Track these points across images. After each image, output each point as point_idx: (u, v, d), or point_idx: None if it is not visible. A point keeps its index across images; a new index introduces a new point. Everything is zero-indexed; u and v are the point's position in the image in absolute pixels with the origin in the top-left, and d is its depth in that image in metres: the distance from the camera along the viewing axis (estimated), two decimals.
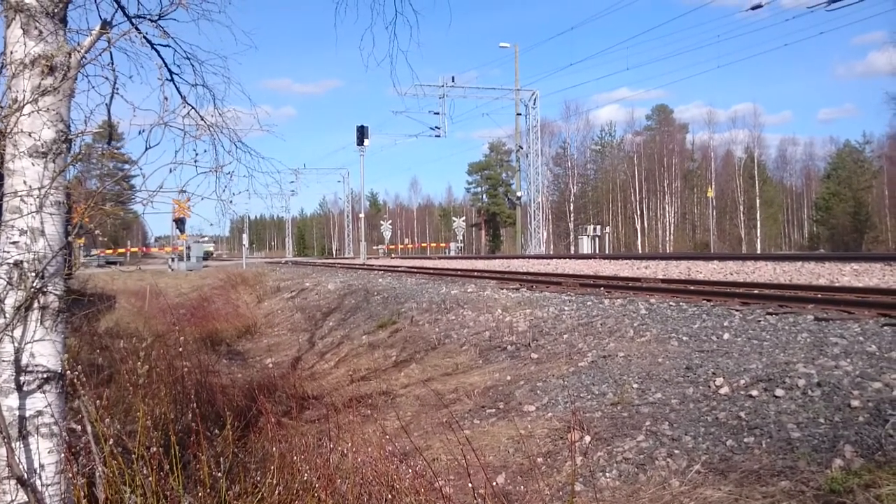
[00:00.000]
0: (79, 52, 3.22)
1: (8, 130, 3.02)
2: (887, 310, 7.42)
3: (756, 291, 10.12)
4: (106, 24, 3.47)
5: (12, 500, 2.83)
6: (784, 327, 6.99)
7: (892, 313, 7.22)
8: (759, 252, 61.56)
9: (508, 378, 7.39)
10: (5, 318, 2.92)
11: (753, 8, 26.73)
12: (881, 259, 15.17)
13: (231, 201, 4.61)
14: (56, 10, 3.15)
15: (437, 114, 44.11)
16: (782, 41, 79.28)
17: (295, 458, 4.30)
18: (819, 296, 8.94)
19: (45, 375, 2.99)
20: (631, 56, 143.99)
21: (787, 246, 78.03)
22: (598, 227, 56.76)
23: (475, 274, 18.28)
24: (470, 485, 4.07)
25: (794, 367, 5.44)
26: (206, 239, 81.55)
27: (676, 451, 4.67)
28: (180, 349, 6.60)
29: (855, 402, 4.61)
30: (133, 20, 3.89)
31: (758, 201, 71.80)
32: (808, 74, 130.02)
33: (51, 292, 3.03)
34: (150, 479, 3.23)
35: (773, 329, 6.99)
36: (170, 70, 4.31)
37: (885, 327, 6.47)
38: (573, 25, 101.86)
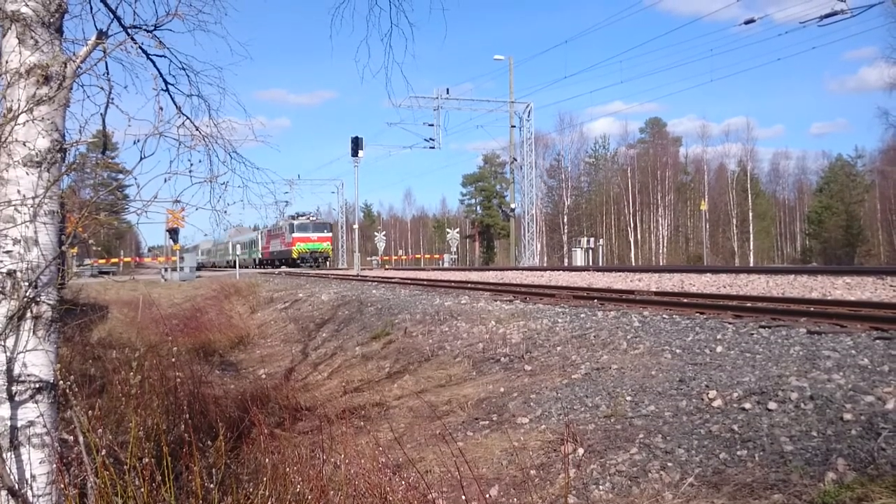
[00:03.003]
0: (74, 61, 3.23)
1: (3, 140, 3.02)
2: (879, 323, 7.44)
3: (749, 304, 10.14)
4: (102, 35, 3.48)
5: None
6: (777, 340, 7.00)
7: (884, 327, 7.23)
8: (751, 265, 61.72)
9: (502, 390, 7.38)
10: None
11: (746, 22, 26.91)
12: (873, 273, 15.22)
13: (226, 211, 4.59)
14: (52, 20, 3.16)
15: (432, 125, 44.21)
16: (775, 56, 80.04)
17: (287, 469, 4.29)
18: (811, 309, 8.97)
19: (37, 385, 2.98)
20: (625, 69, 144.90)
21: (779, 259, 78.26)
22: (592, 239, 56.77)
23: (469, 285, 18.29)
24: (463, 497, 4.07)
25: (787, 381, 5.45)
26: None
27: (670, 464, 4.67)
28: (173, 360, 6.58)
29: (847, 416, 4.62)
30: (129, 30, 3.91)
31: (750, 214, 72.07)
32: (800, 89, 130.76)
33: (44, 302, 3.02)
34: (142, 490, 3.21)
35: (765, 342, 7.00)
36: (165, 80, 4.33)
37: (878, 341, 6.49)
38: (567, 38, 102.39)
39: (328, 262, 56.44)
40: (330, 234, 57.23)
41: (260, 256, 66.32)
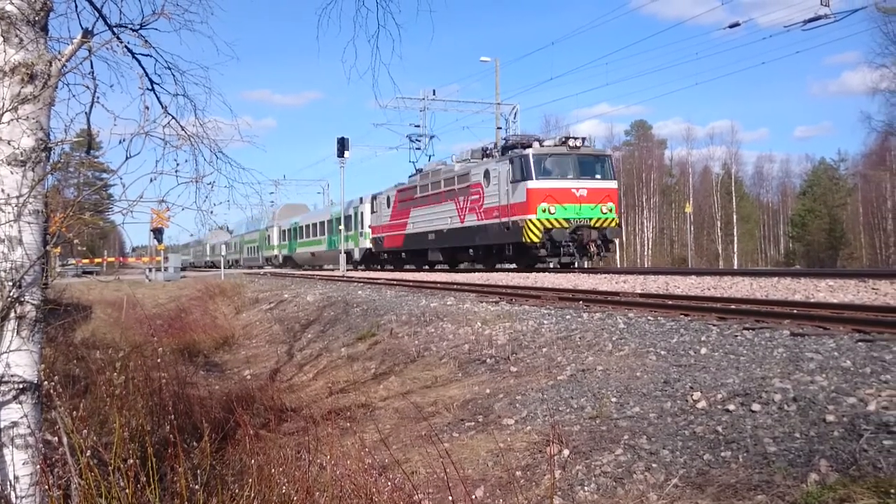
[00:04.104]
0: (59, 60, 3.22)
1: None
2: (862, 325, 7.50)
3: (733, 306, 10.19)
4: (87, 33, 3.46)
5: None
6: (760, 342, 7.04)
7: (866, 329, 7.29)
8: (735, 267, 62.06)
9: (488, 391, 7.39)
10: None
11: (731, 26, 27.13)
12: (856, 275, 15.33)
13: (211, 211, 4.57)
14: (37, 19, 3.14)
15: (418, 126, 44.07)
16: (759, 59, 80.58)
17: (273, 470, 4.28)
18: (795, 311, 9.02)
19: (20, 386, 2.96)
20: (610, 72, 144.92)
21: (763, 261, 78.80)
22: None
23: (455, 287, 18.29)
24: (449, 498, 4.07)
25: (771, 382, 5.49)
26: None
27: (654, 465, 4.69)
28: (157, 360, 6.54)
29: (830, 417, 4.66)
30: (114, 29, 3.89)
31: (735, 217, 72.53)
32: (784, 92, 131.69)
33: (28, 302, 3.00)
34: (127, 491, 3.20)
35: (749, 344, 7.04)
36: (151, 80, 4.31)
37: (860, 343, 6.54)
38: (553, 40, 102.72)
39: (601, 255, 25.94)
40: (614, 184, 26.04)
41: (369, 245, 38.37)
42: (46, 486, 2.97)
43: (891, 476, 3.78)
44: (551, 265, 25.42)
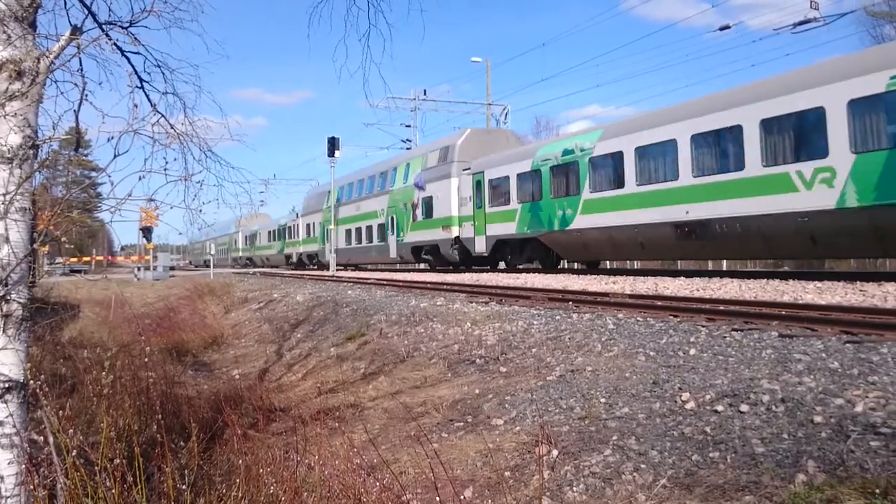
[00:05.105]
0: (48, 57, 3.19)
1: None
2: (849, 327, 7.53)
3: (722, 308, 10.22)
4: (76, 30, 3.44)
5: None
6: (749, 343, 7.07)
7: (853, 330, 7.32)
8: (724, 269, 62.22)
9: (477, 391, 7.39)
10: None
11: (721, 29, 27.22)
12: (843, 277, 15.42)
13: (200, 210, 4.55)
14: (25, 15, 3.12)
15: (409, 126, 44.14)
16: (749, 62, 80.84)
17: (261, 470, 4.26)
18: (783, 313, 9.06)
19: (6, 385, 2.94)
20: (601, 73, 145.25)
21: (752, 263, 78.98)
22: None
23: (445, 287, 18.28)
24: (437, 498, 4.06)
25: (759, 383, 5.50)
26: None
27: (643, 466, 4.70)
28: (145, 360, 6.51)
29: (818, 418, 4.67)
30: (103, 27, 3.87)
31: None
32: None
33: (14, 300, 2.98)
34: (114, 491, 3.18)
35: (738, 345, 7.06)
36: (140, 77, 4.29)
37: (847, 344, 6.57)
38: (544, 41, 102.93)
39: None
40: None
41: None
42: (32, 486, 2.95)
43: (878, 477, 3.80)
44: None
